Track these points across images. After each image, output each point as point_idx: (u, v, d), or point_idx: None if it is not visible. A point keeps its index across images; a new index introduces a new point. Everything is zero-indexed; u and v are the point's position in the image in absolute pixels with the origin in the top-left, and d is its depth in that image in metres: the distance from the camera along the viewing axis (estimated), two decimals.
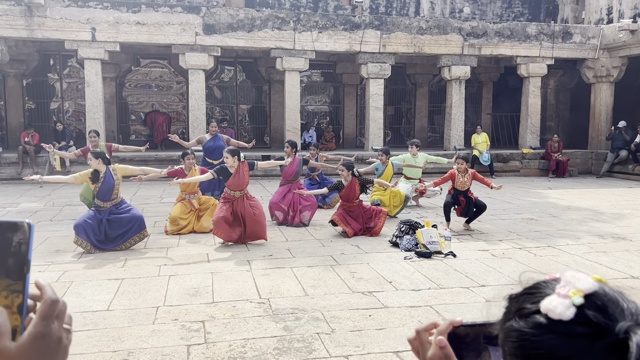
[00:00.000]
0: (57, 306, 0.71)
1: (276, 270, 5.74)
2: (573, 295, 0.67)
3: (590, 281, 0.68)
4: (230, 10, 14.19)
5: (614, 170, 15.59)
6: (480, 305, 4.69)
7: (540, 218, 8.94)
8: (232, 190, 6.93)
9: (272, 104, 17.95)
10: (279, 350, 3.73)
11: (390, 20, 14.99)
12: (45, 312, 0.70)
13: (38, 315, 0.70)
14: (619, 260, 6.27)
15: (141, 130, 18.18)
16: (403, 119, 19.94)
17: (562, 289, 0.68)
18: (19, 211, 9.24)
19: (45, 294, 0.71)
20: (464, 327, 0.81)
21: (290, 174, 8.53)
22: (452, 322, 0.81)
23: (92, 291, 5.00)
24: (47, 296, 0.71)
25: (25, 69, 16.11)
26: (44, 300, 0.71)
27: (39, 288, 0.72)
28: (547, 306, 0.67)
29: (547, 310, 0.67)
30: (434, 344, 0.80)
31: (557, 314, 0.66)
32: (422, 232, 6.64)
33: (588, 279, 0.68)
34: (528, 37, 15.79)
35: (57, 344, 0.70)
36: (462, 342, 0.81)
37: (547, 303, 0.67)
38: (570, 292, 0.67)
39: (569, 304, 0.66)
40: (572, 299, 0.66)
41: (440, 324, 0.83)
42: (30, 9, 12.80)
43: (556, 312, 0.66)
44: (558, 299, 0.67)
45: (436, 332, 0.82)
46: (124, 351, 3.71)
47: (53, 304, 0.70)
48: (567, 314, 0.65)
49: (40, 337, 0.68)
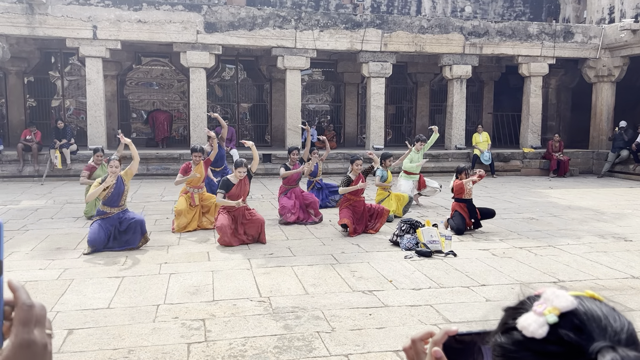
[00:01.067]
0: (34, 310, 0.68)
1: (277, 268, 5.74)
2: (548, 313, 0.66)
3: (569, 299, 0.67)
4: (232, 8, 14.18)
5: (615, 170, 15.57)
6: (480, 305, 4.69)
7: (541, 217, 8.93)
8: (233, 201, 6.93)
9: (273, 103, 17.94)
10: (279, 348, 3.74)
11: (392, 19, 14.98)
12: (24, 318, 0.66)
13: (17, 323, 0.66)
14: (620, 260, 6.27)
15: (142, 128, 18.19)
16: (404, 118, 19.93)
17: (539, 306, 0.67)
18: (20, 209, 9.25)
19: (19, 298, 0.67)
20: (459, 336, 0.81)
21: (293, 180, 8.61)
22: (448, 331, 0.81)
23: (92, 289, 5.01)
24: (21, 301, 0.67)
25: (27, 66, 16.11)
26: (19, 306, 0.67)
27: (13, 291, 0.68)
28: (522, 323, 0.67)
29: (522, 327, 0.67)
30: (429, 354, 0.80)
31: (530, 331, 0.66)
32: (422, 231, 6.65)
33: (567, 297, 0.67)
34: (529, 37, 15.77)
35: (42, 350, 0.67)
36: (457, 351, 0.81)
37: (523, 320, 0.67)
38: (546, 310, 0.66)
39: (542, 322, 0.66)
40: (547, 317, 0.66)
41: (435, 333, 0.82)
42: (31, 7, 12.80)
43: (529, 329, 0.66)
44: (533, 316, 0.67)
45: (432, 341, 0.81)
46: (124, 349, 3.72)
47: (30, 309, 0.67)
48: (540, 332, 0.65)
49: (25, 346, 0.65)
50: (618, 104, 16.50)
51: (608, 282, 5.42)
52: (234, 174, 7.01)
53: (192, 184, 7.87)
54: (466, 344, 0.81)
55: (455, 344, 0.81)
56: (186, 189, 7.93)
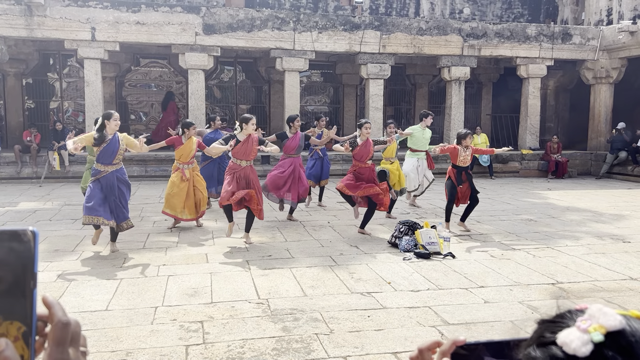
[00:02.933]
0: (70, 328, 0.64)
1: (275, 270, 5.73)
2: (593, 331, 0.62)
3: (617, 318, 0.63)
4: (230, 10, 14.19)
5: (613, 171, 15.59)
6: (478, 306, 4.69)
7: (540, 219, 8.94)
8: (238, 159, 6.82)
9: (272, 104, 17.95)
10: (277, 350, 3.73)
11: (390, 20, 14.99)
12: (59, 337, 0.63)
13: (52, 342, 0.63)
14: (618, 261, 6.27)
15: (140, 129, 18.18)
16: (403, 120, 19.93)
17: (584, 322, 0.63)
18: (17, 210, 9.23)
19: (55, 315, 0.64)
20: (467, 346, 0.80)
21: (292, 148, 8.47)
22: (456, 341, 0.79)
23: (90, 291, 5.00)
24: (57, 318, 0.64)
25: (25, 68, 16.10)
26: (55, 324, 0.64)
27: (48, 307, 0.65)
28: (563, 339, 0.63)
29: (562, 343, 0.63)
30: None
31: (572, 348, 0.62)
32: (421, 232, 6.65)
33: (615, 315, 0.63)
34: (528, 38, 15.79)
35: None
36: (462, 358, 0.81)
37: (565, 336, 0.63)
38: (591, 327, 0.62)
39: (587, 340, 0.61)
40: (592, 335, 0.61)
41: (443, 343, 0.81)
42: (30, 9, 12.80)
43: (571, 346, 0.62)
44: (577, 332, 0.63)
45: (439, 352, 0.80)
46: (122, 351, 3.71)
47: (65, 327, 0.64)
48: (583, 350, 0.61)
49: None
50: (616, 105, 16.53)
51: (606, 283, 5.42)
52: (243, 131, 6.83)
53: (181, 160, 7.75)
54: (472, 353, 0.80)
55: (461, 352, 0.80)
56: (177, 165, 7.82)
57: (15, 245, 0.62)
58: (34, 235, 0.62)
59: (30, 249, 0.62)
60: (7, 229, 0.62)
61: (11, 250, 0.61)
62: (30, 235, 0.62)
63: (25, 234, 0.62)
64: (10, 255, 0.61)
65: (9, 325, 0.61)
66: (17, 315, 0.62)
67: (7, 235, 0.62)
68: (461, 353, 0.79)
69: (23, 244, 0.62)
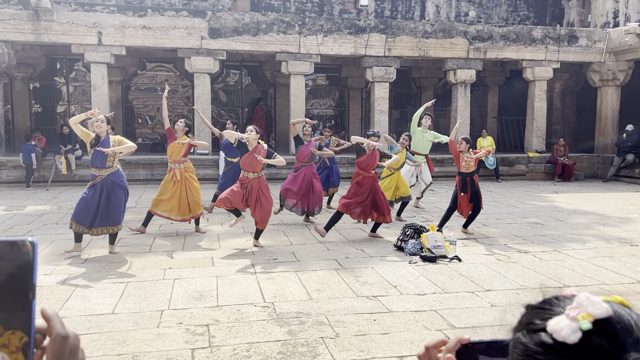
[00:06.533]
0: (69, 342, 0.63)
1: (280, 274, 5.73)
2: (582, 319, 0.64)
3: (604, 306, 0.65)
4: (236, 14, 14.24)
5: (621, 174, 15.50)
6: (485, 310, 4.66)
7: (546, 222, 8.90)
8: (245, 171, 6.87)
9: (278, 108, 17.97)
10: (283, 354, 3.73)
11: (396, 24, 14.99)
12: (57, 351, 0.62)
13: (50, 356, 0.62)
14: (626, 265, 6.23)
15: (147, 133, 18.25)
16: (408, 123, 19.87)
17: (573, 310, 0.66)
18: (25, 214, 9.28)
19: (53, 328, 0.63)
20: (471, 345, 0.82)
21: (305, 156, 8.47)
22: (461, 339, 0.81)
23: (97, 294, 5.01)
24: (56, 331, 0.62)
25: (32, 72, 16.21)
26: (53, 337, 0.62)
27: (47, 319, 0.63)
28: (553, 326, 0.65)
29: (552, 330, 0.65)
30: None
31: (561, 336, 0.64)
32: (427, 236, 6.63)
33: (602, 304, 0.65)
34: (534, 41, 15.75)
35: None
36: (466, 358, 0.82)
37: (554, 323, 0.65)
38: (579, 316, 0.65)
39: (575, 328, 0.64)
40: (580, 323, 0.64)
41: (448, 341, 0.82)
42: (37, 13, 12.89)
43: (561, 334, 0.64)
44: (566, 320, 0.65)
45: (445, 349, 0.81)
46: (128, 355, 3.71)
47: (64, 341, 0.62)
48: (572, 338, 0.63)
49: None
50: (623, 107, 16.45)
51: (614, 287, 5.38)
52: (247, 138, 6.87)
53: (172, 157, 7.69)
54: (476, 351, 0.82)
55: (466, 351, 0.81)
56: (169, 165, 7.77)
57: (14, 256, 0.60)
58: (33, 245, 0.61)
59: (29, 259, 0.60)
60: (6, 239, 0.61)
61: (10, 260, 0.60)
62: (29, 246, 0.61)
63: (24, 245, 0.61)
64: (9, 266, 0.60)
65: (11, 336, 0.60)
66: (18, 325, 0.60)
67: (5, 246, 0.60)
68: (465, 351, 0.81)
69: (22, 255, 0.60)
